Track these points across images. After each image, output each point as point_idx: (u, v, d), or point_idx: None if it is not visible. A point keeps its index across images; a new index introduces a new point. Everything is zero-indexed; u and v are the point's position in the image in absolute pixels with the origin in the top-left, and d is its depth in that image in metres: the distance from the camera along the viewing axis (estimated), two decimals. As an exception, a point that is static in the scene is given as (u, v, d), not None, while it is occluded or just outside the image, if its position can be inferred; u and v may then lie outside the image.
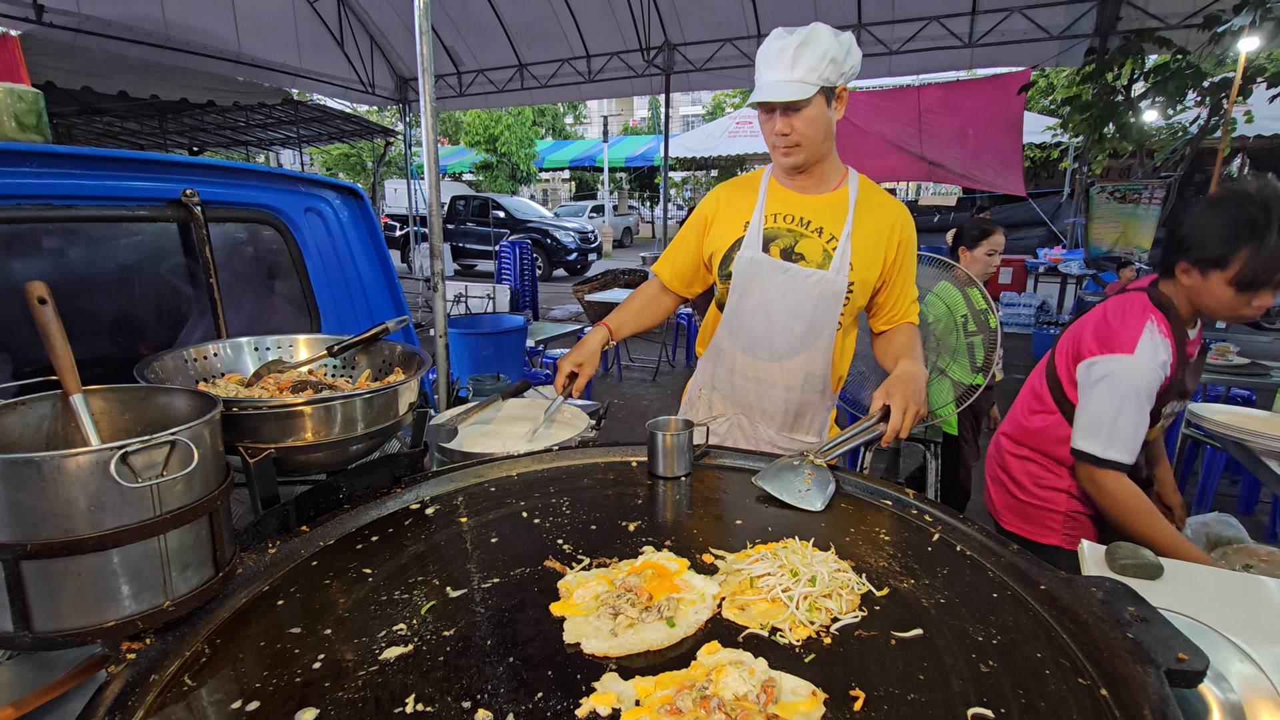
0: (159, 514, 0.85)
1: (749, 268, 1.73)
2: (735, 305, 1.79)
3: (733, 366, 1.86)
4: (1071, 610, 0.91)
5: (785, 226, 1.74)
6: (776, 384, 1.82)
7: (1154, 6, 8.56)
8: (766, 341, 1.78)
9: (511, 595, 1.00)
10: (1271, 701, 0.89)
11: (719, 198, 1.86)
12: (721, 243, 1.79)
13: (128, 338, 1.37)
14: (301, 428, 1.14)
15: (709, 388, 1.95)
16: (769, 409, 1.86)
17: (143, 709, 0.78)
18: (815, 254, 1.72)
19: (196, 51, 10.88)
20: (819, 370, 1.80)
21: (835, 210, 1.74)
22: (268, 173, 1.50)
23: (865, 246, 1.72)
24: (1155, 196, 9.01)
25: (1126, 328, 1.69)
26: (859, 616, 0.94)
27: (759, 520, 1.24)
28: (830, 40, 1.55)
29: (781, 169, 1.74)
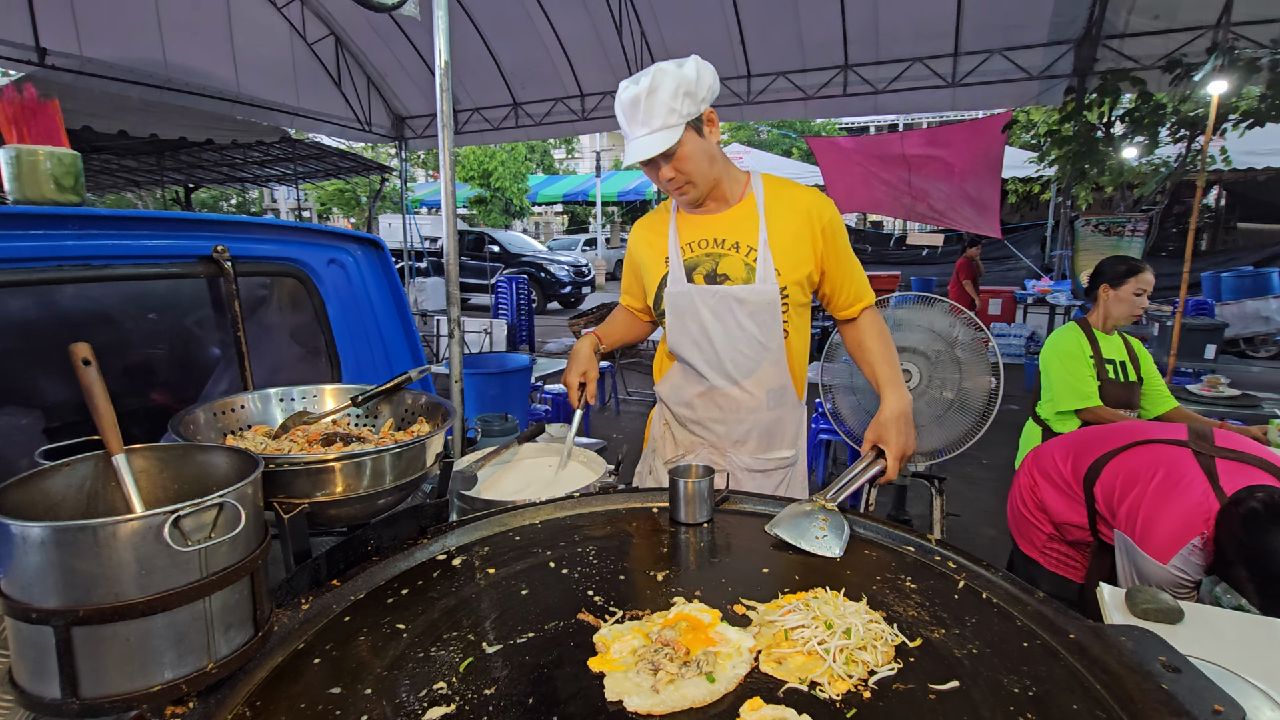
0: (205, 575, 0.85)
1: (679, 300, 1.75)
2: (678, 340, 1.80)
3: (692, 400, 1.85)
4: (1102, 660, 0.93)
5: (703, 252, 1.75)
6: (741, 408, 1.81)
7: (1128, 48, 8.88)
8: (719, 367, 1.78)
9: (548, 650, 1.01)
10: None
11: (636, 238, 1.89)
12: (650, 283, 1.82)
13: (158, 391, 1.38)
14: (334, 482, 1.15)
15: (674, 423, 1.94)
16: (739, 436, 1.84)
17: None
18: (739, 270, 1.72)
19: (196, 92, 11.05)
20: (778, 382, 1.80)
21: (746, 221, 1.74)
22: (293, 227, 1.54)
23: (786, 248, 1.70)
24: (1138, 229, 9.23)
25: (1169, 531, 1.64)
26: (895, 669, 0.95)
27: (785, 568, 1.25)
28: (675, 77, 1.54)
29: (687, 204, 1.77)
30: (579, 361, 1.83)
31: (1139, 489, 1.74)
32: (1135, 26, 8.78)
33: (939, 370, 2.39)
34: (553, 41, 11.56)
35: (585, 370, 1.81)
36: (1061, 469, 2.08)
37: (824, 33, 10.01)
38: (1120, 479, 1.84)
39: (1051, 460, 2.13)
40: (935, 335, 2.40)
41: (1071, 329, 2.87)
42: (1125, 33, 8.87)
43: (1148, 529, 1.65)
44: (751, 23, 10.20)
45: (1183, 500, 1.63)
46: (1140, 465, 1.80)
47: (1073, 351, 2.74)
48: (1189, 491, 1.64)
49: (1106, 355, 2.82)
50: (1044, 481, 2.18)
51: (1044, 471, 2.19)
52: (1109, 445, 1.95)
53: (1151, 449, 1.81)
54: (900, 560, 1.27)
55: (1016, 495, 2.30)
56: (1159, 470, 1.73)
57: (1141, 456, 1.82)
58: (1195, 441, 1.75)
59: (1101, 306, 2.88)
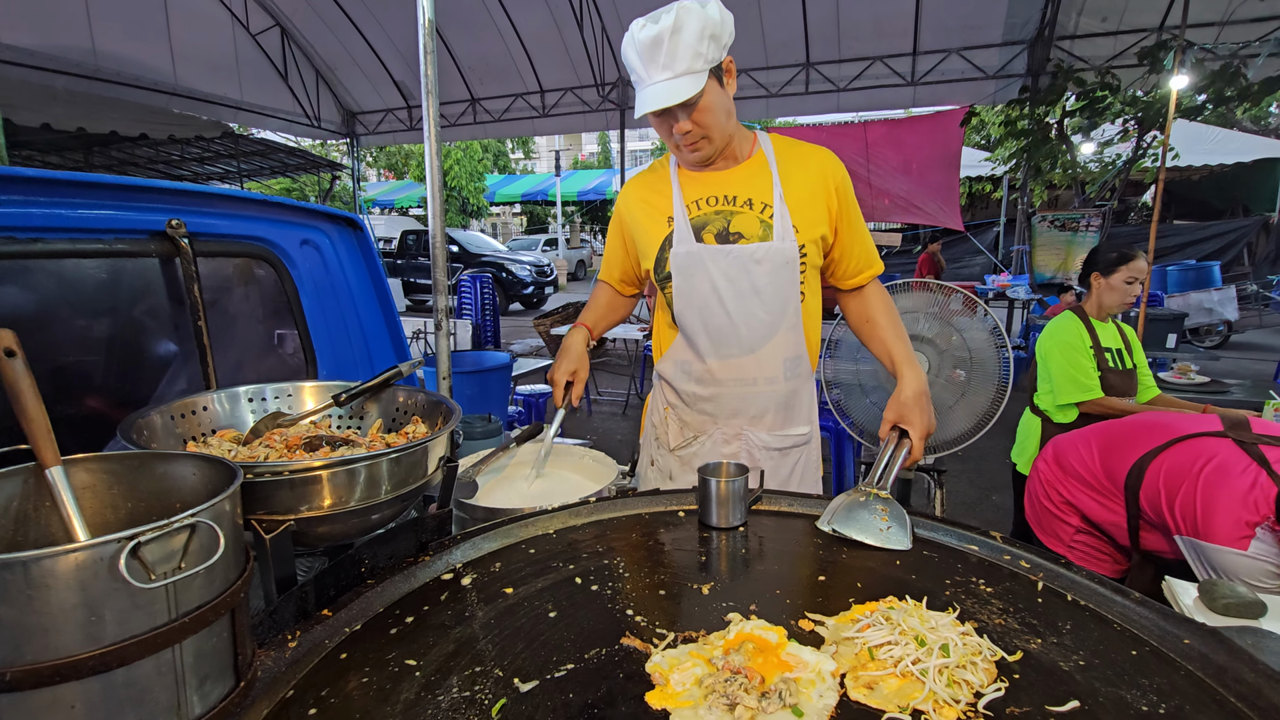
0: (174, 617, 0.67)
1: (687, 262, 1.58)
2: (686, 307, 1.63)
3: (704, 375, 1.69)
4: (1231, 669, 0.82)
5: (713, 210, 1.60)
6: (758, 380, 1.67)
7: (1079, 49, 9.16)
8: (732, 335, 1.63)
9: (594, 685, 0.85)
10: None
11: (629, 198, 1.71)
12: (649, 246, 1.64)
13: (100, 394, 1.17)
14: (322, 494, 0.97)
15: (681, 405, 1.77)
16: (756, 411, 1.70)
17: None
18: (753, 228, 1.58)
19: (128, 83, 10.39)
20: (795, 352, 1.67)
21: (759, 177, 1.60)
22: (262, 201, 1.33)
23: (803, 205, 1.59)
24: (1092, 224, 9.52)
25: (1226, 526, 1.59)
26: (1001, 689, 0.82)
27: (842, 574, 1.12)
28: (700, 16, 1.38)
29: (694, 164, 1.59)
30: (569, 357, 1.67)
31: (1187, 486, 1.66)
32: (1084, 28, 9.06)
33: (949, 359, 2.31)
34: (511, 36, 11.31)
35: (576, 368, 1.66)
36: (1091, 466, 2.00)
37: (786, 31, 10.04)
38: (1164, 481, 1.76)
39: (1078, 455, 2.06)
40: (942, 321, 2.32)
41: (1070, 318, 2.82)
42: (1075, 34, 9.15)
43: (1208, 523, 1.58)
44: (714, 19, 10.15)
45: (1236, 486, 1.57)
46: (1183, 462, 1.73)
47: (1073, 342, 2.69)
48: (1242, 478, 1.58)
49: (1104, 344, 2.78)
50: (1069, 478, 2.10)
51: (1068, 468, 2.11)
52: (1144, 445, 1.87)
53: (1191, 444, 1.75)
54: (965, 561, 1.16)
55: (1038, 490, 2.22)
56: (1204, 463, 1.66)
57: (1181, 454, 1.75)
58: (1234, 430, 1.70)
59: (1095, 295, 2.83)
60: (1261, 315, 12.16)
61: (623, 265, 1.80)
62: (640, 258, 1.71)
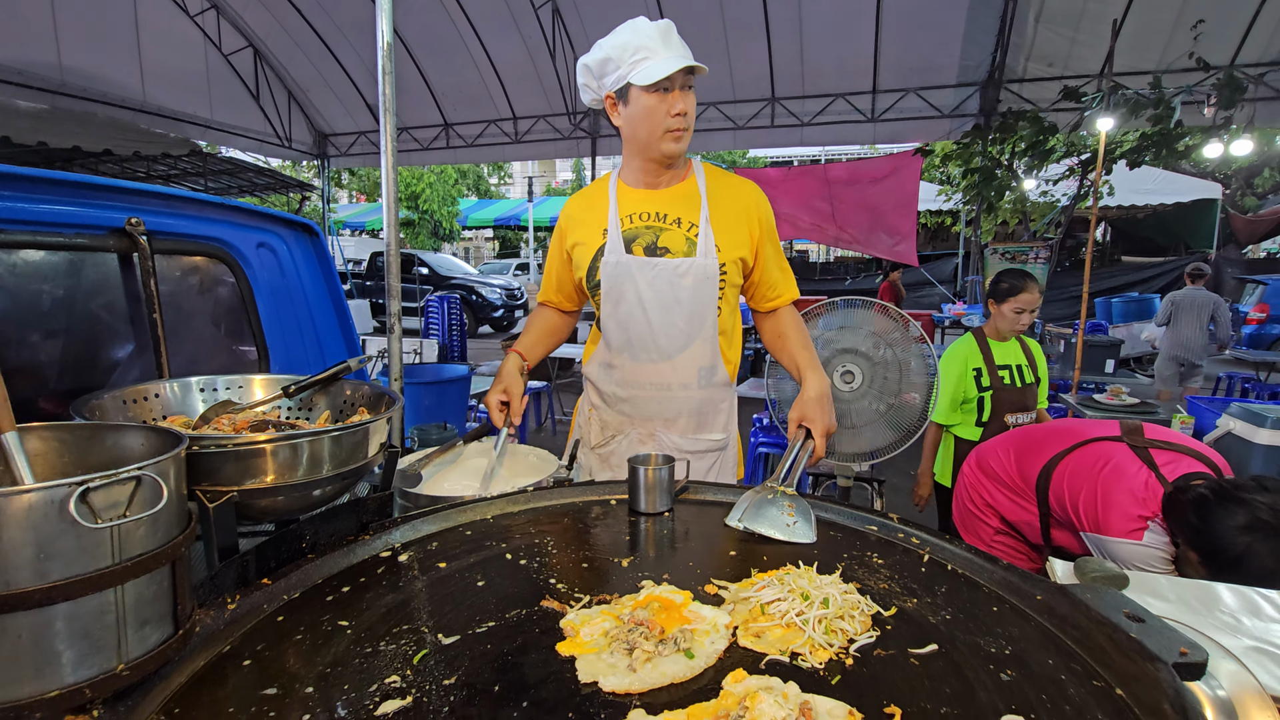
0: (118, 561, 0.74)
1: (616, 271, 1.70)
2: (611, 313, 1.75)
3: (624, 378, 1.81)
4: (1071, 617, 0.94)
5: (644, 224, 1.72)
6: (672, 385, 1.78)
7: (1027, 92, 9.69)
8: (651, 342, 1.74)
9: (511, 638, 0.93)
10: (1258, 696, 0.93)
11: (570, 212, 1.83)
12: (583, 257, 1.75)
13: (55, 380, 1.22)
14: (265, 468, 1.04)
15: (602, 405, 1.89)
16: (669, 414, 1.82)
17: (95, 793, 0.67)
18: (679, 244, 1.70)
19: (95, 99, 10.30)
20: (709, 362, 1.78)
21: (688, 199, 1.73)
22: (220, 204, 1.41)
23: (726, 227, 1.72)
24: (1040, 256, 9.98)
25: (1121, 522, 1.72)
26: (874, 636, 0.93)
27: (752, 551, 1.22)
28: None
29: (661, 159, 1.68)
30: (501, 379, 1.75)
31: (1088, 486, 1.82)
32: (1032, 72, 9.60)
33: (879, 371, 2.45)
34: (485, 64, 11.51)
35: (507, 387, 1.73)
36: (1009, 469, 2.15)
37: (752, 67, 10.42)
38: (1068, 481, 1.92)
39: (998, 459, 2.21)
40: (877, 338, 2.46)
41: (966, 340, 3.08)
42: (1024, 78, 9.68)
43: (1105, 517, 1.73)
44: (683, 53, 10.49)
45: (1129, 485, 1.72)
46: (1085, 464, 1.89)
47: (949, 365, 2.95)
48: (1134, 478, 1.73)
49: (1001, 361, 3.01)
50: (989, 481, 2.25)
51: (988, 471, 2.26)
52: (1052, 448, 2.03)
53: (1092, 448, 1.91)
54: (865, 539, 1.27)
55: (962, 493, 2.38)
56: (1102, 465, 1.82)
57: (1084, 457, 1.90)
58: (1129, 436, 1.86)
59: (993, 319, 3.09)
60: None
61: (562, 278, 1.89)
62: (575, 266, 1.81)
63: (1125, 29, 8.13)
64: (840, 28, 9.61)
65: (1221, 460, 1.80)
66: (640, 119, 1.60)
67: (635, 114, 1.61)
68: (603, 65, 1.60)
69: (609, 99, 1.65)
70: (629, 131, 1.66)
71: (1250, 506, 1.40)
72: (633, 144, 1.69)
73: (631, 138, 1.67)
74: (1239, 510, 1.41)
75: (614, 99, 1.64)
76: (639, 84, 1.54)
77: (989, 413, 3.00)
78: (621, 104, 1.63)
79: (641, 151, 1.69)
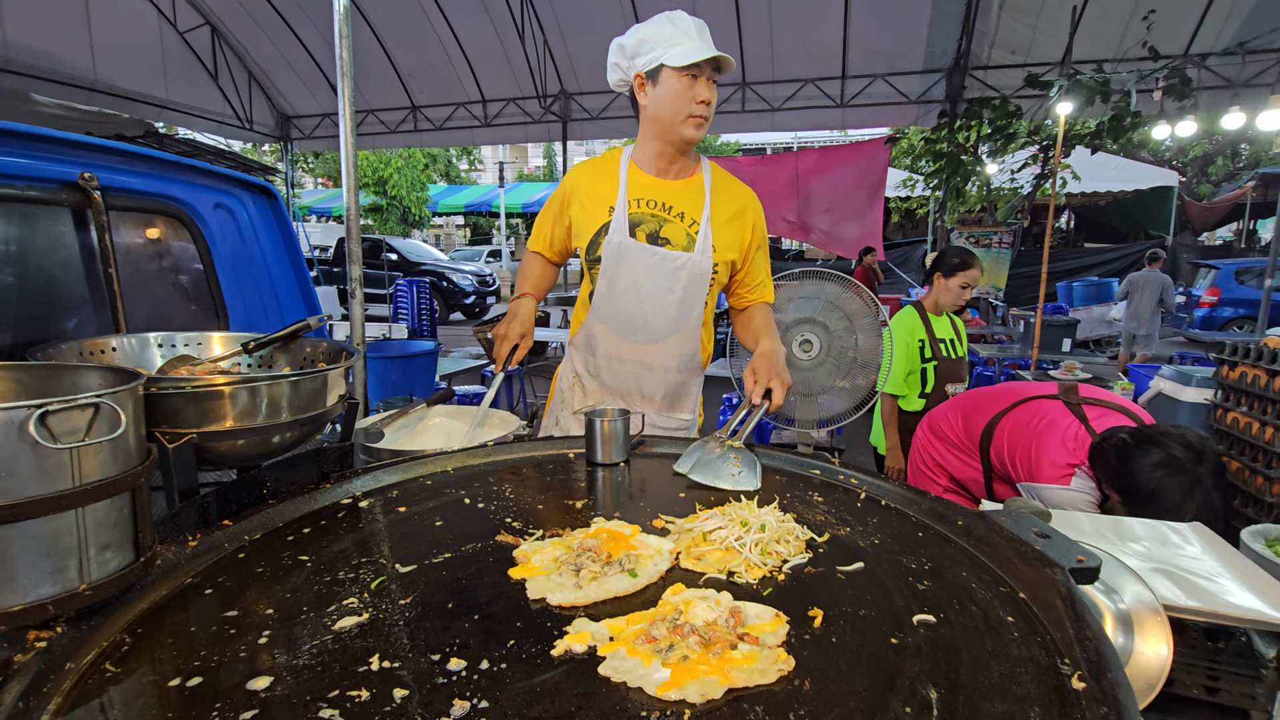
0: (78, 484, 0.77)
1: (617, 252, 1.76)
2: (606, 290, 1.81)
3: (609, 352, 1.88)
4: (987, 538, 1.02)
5: (649, 212, 1.79)
6: (654, 366, 1.87)
7: (991, 79, 9.89)
8: (641, 324, 1.82)
9: (466, 566, 0.98)
10: (1153, 610, 1.02)
11: (578, 179, 1.87)
12: (587, 227, 1.81)
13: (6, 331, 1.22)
14: (225, 411, 1.07)
15: (585, 374, 1.95)
16: (648, 391, 1.90)
17: (59, 695, 0.70)
18: (679, 238, 1.78)
19: (43, 77, 9.91)
20: (690, 349, 1.88)
21: (693, 196, 1.81)
22: (176, 163, 1.42)
23: (724, 229, 1.80)
24: (1004, 241, 10.22)
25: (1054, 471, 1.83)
26: (806, 558, 1.00)
27: (702, 496, 1.29)
28: None
29: (680, 143, 1.74)
30: (519, 320, 1.76)
31: (1024, 439, 1.94)
32: (996, 60, 9.78)
33: (837, 341, 2.53)
34: (453, 45, 11.34)
35: (525, 333, 1.75)
36: (956, 427, 2.26)
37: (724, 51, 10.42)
38: (1008, 436, 2.04)
39: (947, 421, 2.32)
40: (833, 306, 2.54)
41: (908, 312, 3.22)
42: (988, 65, 9.86)
43: (1038, 466, 1.84)
44: (653, 36, 10.46)
45: (1060, 436, 1.84)
46: (1023, 420, 2.00)
47: (900, 335, 3.06)
48: (1066, 431, 1.85)
49: (939, 335, 3.19)
50: (939, 442, 2.36)
51: (938, 433, 2.37)
52: (995, 407, 2.15)
53: (1031, 405, 2.02)
54: (808, 482, 1.34)
55: (915, 455, 2.49)
56: (1038, 420, 1.94)
57: (1024, 413, 2.02)
58: (1064, 394, 1.98)
59: (934, 292, 3.23)
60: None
61: (556, 233, 1.92)
62: (574, 235, 1.86)
63: (1084, 18, 8.33)
64: (809, 13, 9.68)
65: (1146, 415, 1.92)
66: (667, 99, 1.68)
67: (664, 94, 1.68)
68: (638, 45, 1.68)
69: (638, 78, 1.71)
70: (654, 111, 1.71)
71: (1164, 446, 1.51)
72: (655, 124, 1.74)
73: (655, 118, 1.72)
74: (1154, 450, 1.52)
75: (644, 79, 1.71)
76: (672, 64, 1.62)
77: (932, 383, 3.16)
78: (651, 84, 1.70)
79: (662, 133, 1.74)
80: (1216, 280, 12.22)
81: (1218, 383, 2.21)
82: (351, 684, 0.71)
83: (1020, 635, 0.80)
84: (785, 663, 0.73)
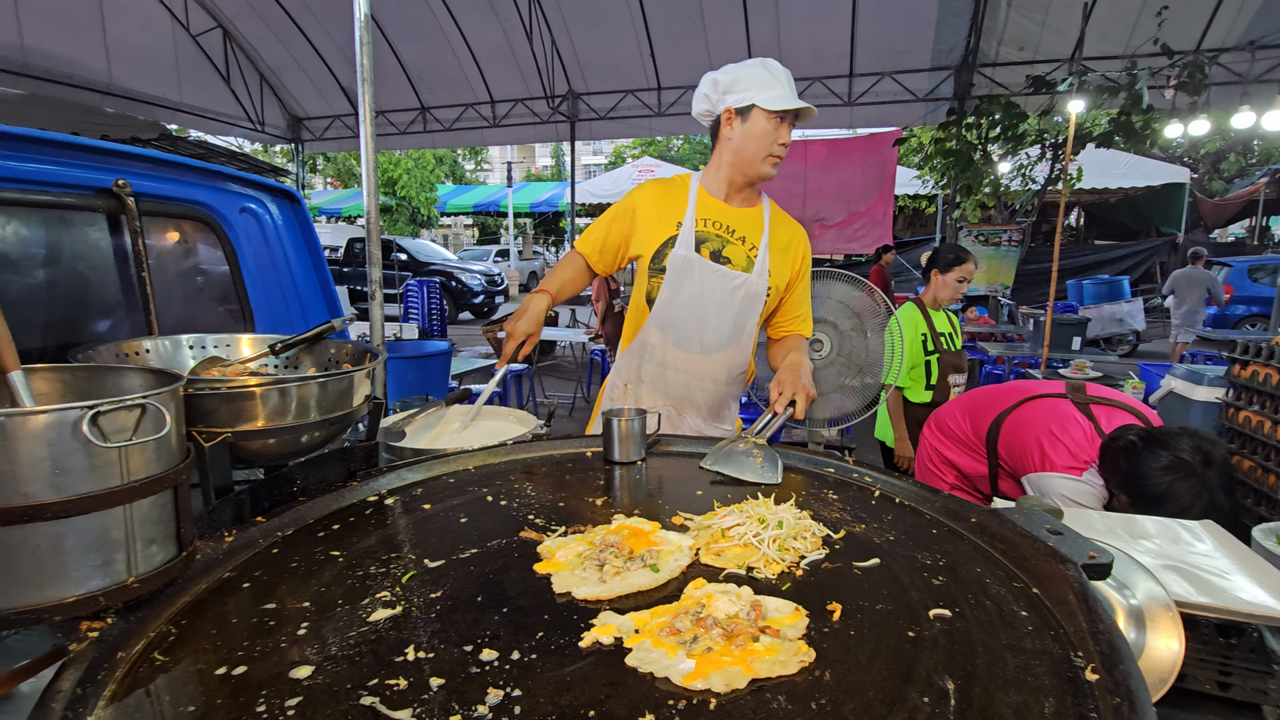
0: (127, 481, 0.81)
1: (683, 264, 1.84)
2: (668, 299, 1.88)
3: (663, 360, 1.94)
4: (1000, 534, 1.04)
5: (714, 232, 1.89)
6: (705, 376, 1.94)
7: (999, 76, 9.84)
8: (698, 336, 1.89)
9: (493, 561, 1.01)
10: (1165, 606, 1.04)
11: (648, 194, 1.94)
12: (652, 239, 1.88)
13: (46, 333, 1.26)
14: (257, 412, 1.11)
15: (635, 381, 2.00)
16: (696, 400, 1.97)
17: (113, 683, 0.74)
18: (740, 259, 1.88)
19: (60, 80, 10.04)
20: (739, 366, 1.97)
21: (754, 223, 1.93)
22: (204, 169, 1.45)
23: (778, 257, 1.91)
24: (1013, 240, 10.18)
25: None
26: (823, 554, 1.02)
27: (719, 493, 1.31)
28: None
29: (756, 177, 1.86)
30: (529, 317, 1.78)
31: (1033, 435, 1.95)
32: (1004, 56, 9.73)
33: (847, 341, 2.55)
34: (461, 46, 11.39)
35: (532, 331, 1.77)
36: (963, 425, 2.28)
37: (730, 50, 10.42)
38: (1016, 432, 2.06)
39: (954, 418, 2.34)
40: (843, 306, 2.56)
41: (910, 308, 3.35)
42: (997, 61, 9.81)
43: (1046, 463, 1.85)
44: (661, 35, 10.48)
45: (1071, 434, 1.86)
46: (1031, 416, 2.02)
47: (907, 329, 3.14)
48: (1076, 428, 1.87)
49: (939, 329, 3.34)
50: (946, 439, 2.37)
51: (945, 430, 2.38)
52: (1003, 404, 2.17)
53: (1039, 403, 2.04)
54: (823, 480, 1.37)
55: (923, 453, 2.51)
56: (1047, 417, 1.96)
57: (1032, 410, 2.04)
58: (1072, 393, 2.00)
59: (932, 288, 3.37)
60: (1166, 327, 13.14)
61: (610, 242, 1.95)
62: (637, 245, 1.92)
63: (1094, 14, 8.29)
64: (816, 10, 9.67)
65: (1155, 416, 1.93)
66: (754, 137, 1.80)
67: (751, 132, 1.80)
68: (733, 83, 1.80)
69: (728, 112, 1.82)
70: (739, 145, 1.82)
71: (1173, 449, 1.53)
72: (737, 156, 1.84)
73: (739, 151, 1.83)
74: (1163, 453, 1.53)
75: (733, 114, 1.82)
76: (765, 106, 1.75)
77: (935, 375, 3.28)
78: (740, 119, 1.81)
79: (742, 165, 1.85)
80: (1229, 278, 12.11)
81: (1229, 381, 2.22)
82: (389, 673, 0.75)
83: (1034, 629, 0.82)
84: (806, 654, 0.76)
